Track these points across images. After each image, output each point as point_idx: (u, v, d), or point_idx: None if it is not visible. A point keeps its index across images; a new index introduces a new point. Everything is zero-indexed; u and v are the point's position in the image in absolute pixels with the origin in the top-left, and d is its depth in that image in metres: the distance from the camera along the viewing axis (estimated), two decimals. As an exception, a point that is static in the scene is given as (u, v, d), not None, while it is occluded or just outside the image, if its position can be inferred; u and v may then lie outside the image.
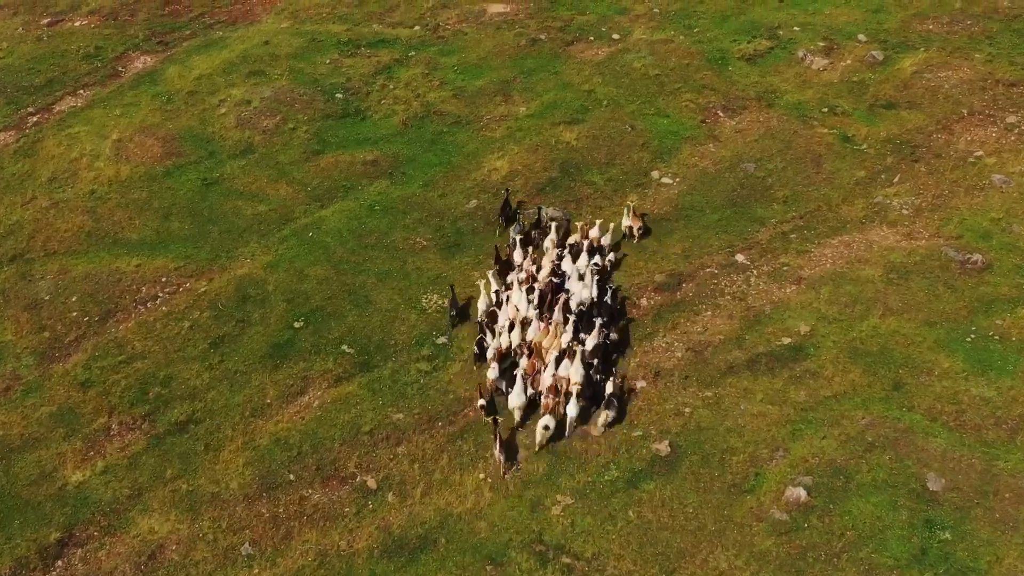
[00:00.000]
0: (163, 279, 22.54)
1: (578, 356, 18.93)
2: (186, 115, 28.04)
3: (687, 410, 18.74)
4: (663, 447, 18.07)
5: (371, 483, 18.03)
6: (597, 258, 21.76)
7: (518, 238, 22.04)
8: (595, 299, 20.55)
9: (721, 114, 26.48)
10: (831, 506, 16.72)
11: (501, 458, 18.08)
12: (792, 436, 18.04)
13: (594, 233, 22.22)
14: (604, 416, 18.72)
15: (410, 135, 26.70)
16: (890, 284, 20.93)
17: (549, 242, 22.24)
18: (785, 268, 21.69)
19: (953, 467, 17.12)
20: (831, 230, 22.66)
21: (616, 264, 22.35)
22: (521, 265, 21.71)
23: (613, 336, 20.09)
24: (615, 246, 22.47)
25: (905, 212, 22.95)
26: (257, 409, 19.51)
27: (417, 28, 31.32)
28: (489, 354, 19.77)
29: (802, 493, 16.87)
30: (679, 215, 23.36)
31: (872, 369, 19.15)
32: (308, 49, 30.53)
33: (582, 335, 19.69)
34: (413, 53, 30.07)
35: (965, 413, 18.13)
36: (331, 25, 31.84)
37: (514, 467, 18.10)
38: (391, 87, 28.56)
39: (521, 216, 23.32)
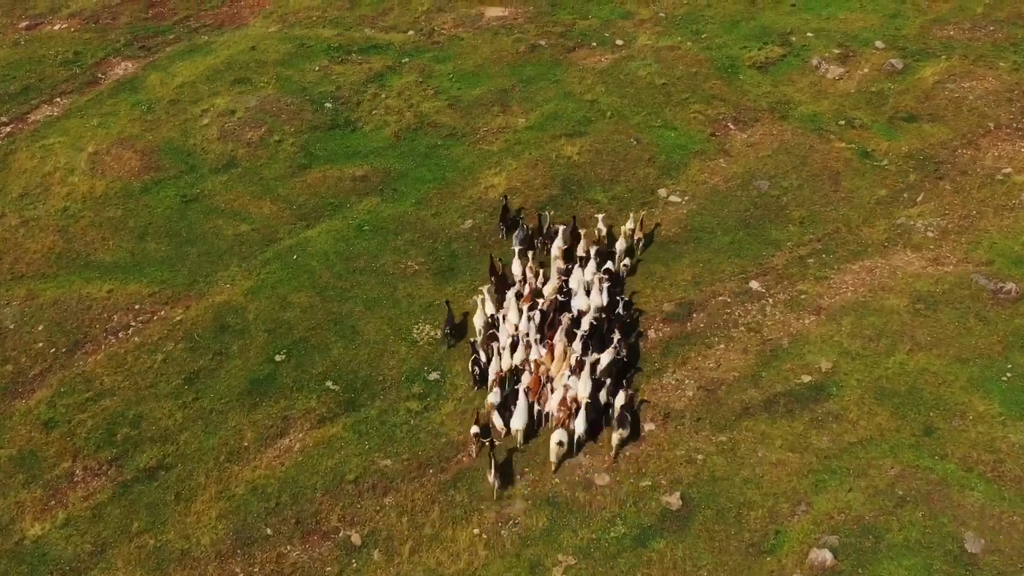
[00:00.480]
0: (136, 306, 20.82)
1: (586, 370, 17.48)
2: (167, 126, 26.29)
3: (700, 457, 17.06)
4: (674, 500, 16.39)
5: (355, 539, 16.34)
6: (609, 264, 20.23)
7: (518, 249, 20.44)
8: (605, 311, 19.05)
9: (732, 127, 24.74)
10: (860, 570, 15.06)
11: (496, 483, 16.64)
12: (815, 488, 16.37)
13: (599, 227, 20.93)
14: (617, 435, 17.20)
15: (402, 148, 24.97)
16: (917, 316, 19.23)
17: (556, 249, 20.61)
18: (803, 297, 19.99)
19: (993, 525, 15.46)
20: (851, 254, 20.94)
21: (632, 270, 20.79)
22: (523, 278, 20.09)
23: (623, 352, 18.50)
24: (628, 251, 20.90)
25: (930, 235, 21.23)
26: (233, 453, 17.82)
27: (411, 33, 29.56)
28: (491, 376, 18.23)
29: (828, 556, 15.20)
30: (688, 237, 21.63)
31: (900, 412, 17.47)
32: (296, 55, 28.76)
33: (591, 352, 18.23)
34: (406, 60, 28.31)
35: (1004, 463, 16.45)
36: (321, 29, 30.07)
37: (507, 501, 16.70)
38: (383, 96, 26.82)
39: (523, 221, 21.65)
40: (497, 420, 17.77)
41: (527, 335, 18.71)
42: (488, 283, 20.07)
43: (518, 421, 17.47)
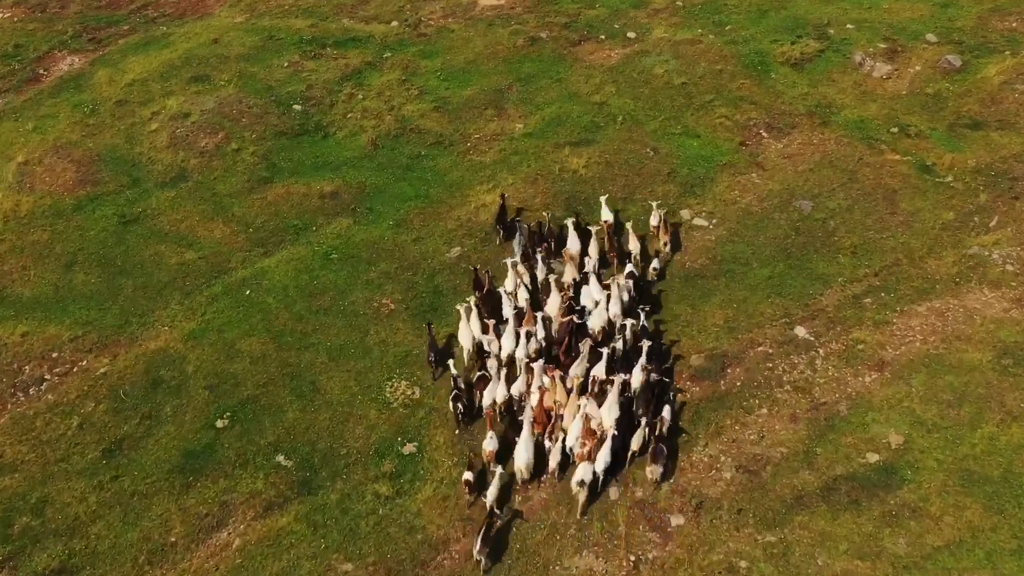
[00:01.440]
0: (54, 354, 16.94)
1: (613, 393, 14.44)
2: (110, 130, 22.36)
3: (743, 565, 13.20)
4: (712, 626, 12.56)
5: (303, 675, 12.53)
6: (629, 267, 17.01)
7: (510, 261, 17.15)
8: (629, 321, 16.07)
9: (765, 134, 20.79)
10: None
11: (482, 559, 13.29)
12: (894, 612, 12.52)
13: (606, 216, 17.87)
14: (651, 472, 14.09)
15: (380, 159, 21.03)
16: (1005, 374, 15.33)
17: (566, 256, 17.49)
18: (860, 347, 16.08)
19: None
20: (916, 292, 17.03)
21: (661, 273, 17.42)
22: (514, 295, 16.73)
23: (655, 373, 15.31)
24: (644, 252, 17.74)
25: (1010, 268, 17.31)
26: (156, 552, 13.94)
27: (394, 24, 25.56)
28: (486, 402, 14.97)
29: None
30: (719, 270, 17.72)
31: (995, 504, 13.60)
32: (264, 49, 24.80)
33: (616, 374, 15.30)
34: (389, 54, 24.34)
35: None
36: (293, 19, 26.07)
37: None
38: (360, 97, 22.85)
39: (521, 224, 18.22)
40: (491, 492, 14.05)
41: (527, 360, 15.46)
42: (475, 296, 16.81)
43: (522, 456, 14.19)
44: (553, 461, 14.48)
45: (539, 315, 16.10)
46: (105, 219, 19.91)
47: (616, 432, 14.36)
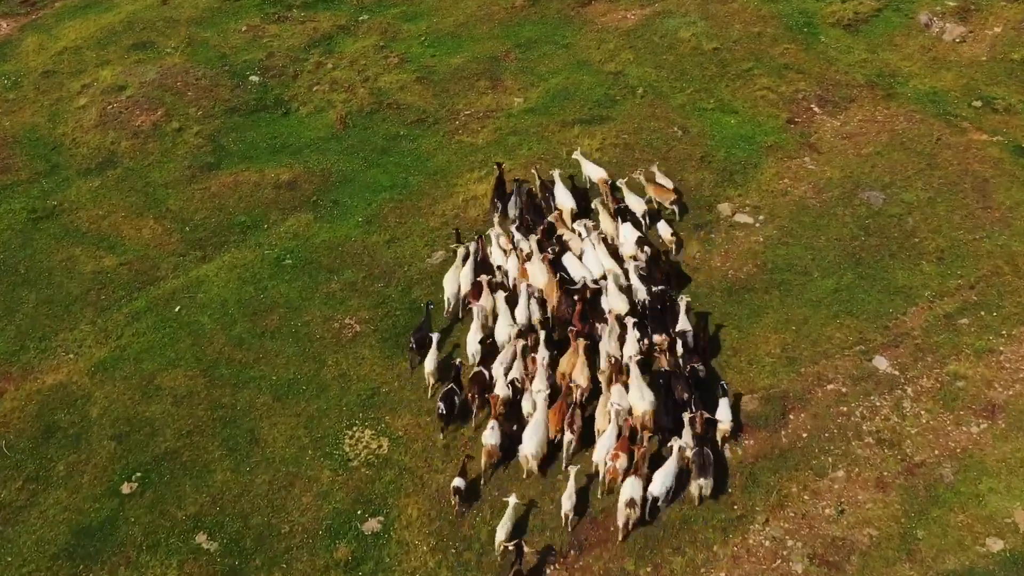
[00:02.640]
0: (-76, 392, 13.04)
1: (635, 371, 11.70)
2: (32, 107, 18.47)
3: None
4: None
5: None
6: (635, 231, 14.14)
7: (494, 232, 14.13)
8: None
9: (817, 109, 16.73)
10: None
11: None
12: None
13: (597, 173, 14.95)
14: (697, 487, 11.10)
15: (350, 140, 17.04)
16: None
17: (560, 219, 14.54)
18: (960, 385, 12.12)
19: None
20: (1026, 311, 13.07)
21: (679, 245, 13.99)
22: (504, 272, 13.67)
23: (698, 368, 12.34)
24: (648, 211, 14.38)
25: None
26: (25, 677, 10.11)
27: (373, -18, 21.48)
28: (500, 384, 12.07)
29: None
30: (770, 281, 13.71)
31: None
32: (219, 11, 20.83)
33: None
34: (365, 17, 20.32)
35: None
36: (256, -22, 21.98)
37: None
38: (329, 66, 18.83)
39: (519, 185, 14.91)
40: (503, 526, 10.71)
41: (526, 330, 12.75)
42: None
43: (530, 443, 11.36)
44: (567, 502, 10.79)
45: (529, 267, 13.36)
46: (12, 215, 15.98)
47: (684, 445, 11.12)
